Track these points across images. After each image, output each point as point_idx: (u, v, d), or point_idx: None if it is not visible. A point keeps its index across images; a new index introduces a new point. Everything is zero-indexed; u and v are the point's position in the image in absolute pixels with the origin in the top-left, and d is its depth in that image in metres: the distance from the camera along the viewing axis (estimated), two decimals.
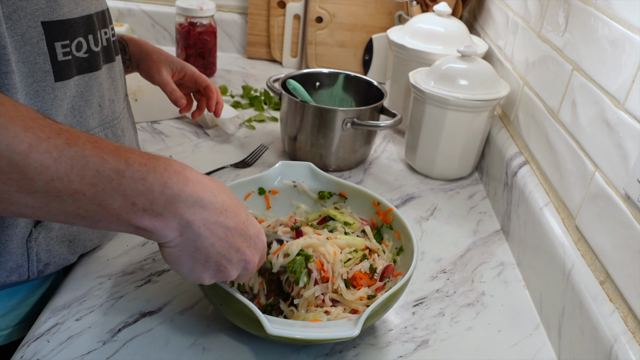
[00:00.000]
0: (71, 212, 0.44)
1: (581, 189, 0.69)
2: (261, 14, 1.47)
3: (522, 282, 0.79)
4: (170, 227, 0.47)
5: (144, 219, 0.46)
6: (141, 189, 0.45)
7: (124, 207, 0.45)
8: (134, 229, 0.47)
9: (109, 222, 0.46)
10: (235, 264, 0.53)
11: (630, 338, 0.54)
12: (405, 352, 0.65)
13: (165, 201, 0.46)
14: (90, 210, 0.45)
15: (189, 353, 0.61)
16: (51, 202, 0.43)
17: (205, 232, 0.49)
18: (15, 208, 0.43)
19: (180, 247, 0.49)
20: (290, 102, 0.98)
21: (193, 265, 0.51)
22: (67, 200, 0.43)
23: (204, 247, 0.50)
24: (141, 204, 0.46)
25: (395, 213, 0.72)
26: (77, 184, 0.43)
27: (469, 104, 0.93)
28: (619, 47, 0.64)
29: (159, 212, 0.46)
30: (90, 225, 0.47)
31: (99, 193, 0.44)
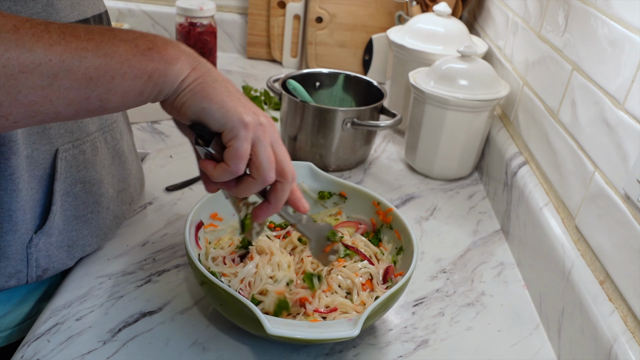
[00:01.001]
0: (81, 77, 0.42)
1: (581, 189, 0.69)
2: (261, 14, 1.47)
3: (521, 282, 0.79)
4: (182, 60, 0.46)
5: (153, 56, 0.44)
6: (136, 35, 0.45)
7: (129, 49, 0.44)
8: (147, 78, 0.45)
9: (122, 76, 0.44)
10: (255, 108, 0.50)
11: (629, 338, 0.54)
12: (405, 352, 0.65)
13: (162, 40, 0.46)
14: (99, 66, 0.42)
15: (189, 353, 0.61)
16: (58, 73, 0.41)
17: (212, 67, 0.48)
18: (24, 96, 0.41)
19: (198, 81, 0.47)
20: (290, 102, 0.98)
21: (222, 98, 0.47)
22: (73, 63, 0.41)
23: (221, 79, 0.48)
24: (143, 43, 0.45)
25: (395, 213, 0.72)
26: (75, 42, 0.42)
27: (469, 104, 0.93)
28: (618, 47, 0.64)
29: (163, 46, 0.45)
30: (104, 94, 0.44)
31: (99, 44, 0.42)
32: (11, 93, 0.40)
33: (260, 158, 0.50)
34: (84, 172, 0.66)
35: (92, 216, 0.68)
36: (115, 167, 0.72)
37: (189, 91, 0.47)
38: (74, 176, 0.65)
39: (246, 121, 0.48)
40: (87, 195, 0.67)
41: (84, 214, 0.67)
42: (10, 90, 0.40)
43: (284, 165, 0.53)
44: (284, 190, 0.54)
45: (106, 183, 0.70)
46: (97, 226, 0.70)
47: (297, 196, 0.58)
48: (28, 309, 0.68)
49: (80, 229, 0.67)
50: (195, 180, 0.92)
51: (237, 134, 0.48)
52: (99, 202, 0.69)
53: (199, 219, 0.69)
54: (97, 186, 0.68)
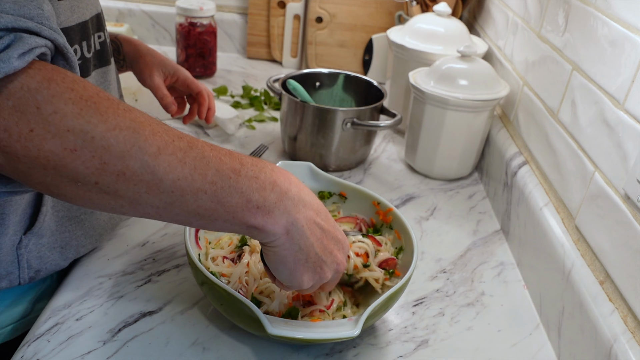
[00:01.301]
0: (191, 211, 0.46)
1: (581, 189, 0.69)
2: (261, 14, 1.47)
3: (521, 282, 0.79)
4: (279, 224, 0.50)
5: (257, 215, 0.48)
6: (255, 186, 0.48)
7: (240, 203, 0.47)
8: (245, 228, 0.49)
9: (224, 220, 0.48)
10: (329, 266, 0.54)
11: (630, 338, 0.54)
12: (405, 352, 0.65)
13: (275, 198, 0.49)
14: (210, 208, 0.47)
15: (189, 353, 0.61)
16: (175, 202, 0.45)
17: (307, 231, 0.51)
18: (142, 208, 0.46)
19: (285, 247, 0.51)
20: (290, 102, 0.98)
21: (295, 266, 0.52)
22: (189, 199, 0.46)
23: (305, 247, 0.52)
24: (255, 200, 0.48)
25: (395, 213, 0.72)
26: (200, 182, 0.46)
27: (469, 104, 0.93)
28: (618, 47, 0.64)
29: (270, 209, 0.49)
30: (204, 225, 0.49)
31: (218, 191, 0.46)
32: (132, 204, 0.45)
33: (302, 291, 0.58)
34: None
35: (85, 217, 0.68)
36: None
37: (273, 252, 0.52)
38: None
39: (303, 287, 0.54)
40: None
41: (77, 215, 0.67)
42: (133, 202, 0.45)
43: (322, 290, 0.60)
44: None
45: None
46: (91, 227, 0.70)
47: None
48: (22, 309, 0.67)
49: (73, 230, 0.67)
50: None
51: (292, 289, 0.56)
52: None
53: None
54: None
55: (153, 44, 1.55)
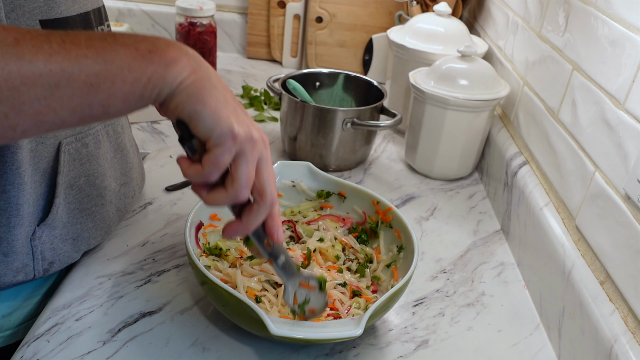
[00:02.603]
0: (82, 84, 0.42)
1: (581, 189, 0.69)
2: (261, 14, 1.47)
3: (522, 282, 0.79)
4: (182, 61, 0.45)
5: (152, 57, 0.44)
6: (138, 38, 0.45)
7: (129, 53, 0.44)
8: (147, 81, 0.44)
9: (122, 80, 0.43)
10: (250, 122, 0.49)
11: (630, 338, 0.54)
12: (405, 352, 0.65)
13: (164, 43, 0.46)
14: (99, 72, 0.42)
15: (189, 353, 0.61)
16: (59, 82, 0.41)
17: (214, 75, 0.48)
18: (28, 108, 0.41)
19: (197, 82, 0.46)
20: (290, 102, 0.98)
21: (216, 105, 0.46)
22: (73, 70, 0.41)
23: (219, 86, 0.48)
24: (144, 47, 0.44)
25: (394, 212, 0.72)
26: (75, 50, 0.42)
27: (469, 104, 0.93)
28: (619, 47, 0.64)
29: (163, 48, 0.45)
30: (107, 100, 0.44)
31: (99, 51, 0.43)
32: (16, 105, 0.40)
33: (238, 172, 0.49)
34: (87, 166, 0.66)
35: (96, 209, 0.69)
36: (117, 160, 0.73)
37: (184, 92, 0.46)
38: (78, 169, 0.65)
39: (235, 132, 0.47)
40: (91, 188, 0.67)
41: (88, 207, 0.68)
42: (15, 102, 0.40)
43: (265, 186, 0.51)
44: (259, 213, 0.52)
45: (109, 176, 0.71)
46: (101, 219, 0.70)
47: (274, 223, 0.55)
48: (35, 306, 0.68)
49: (85, 222, 0.68)
50: None
51: (223, 142, 0.47)
52: (102, 195, 0.69)
53: (199, 219, 0.69)
54: (100, 179, 0.69)
55: None
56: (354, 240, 0.75)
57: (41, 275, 0.64)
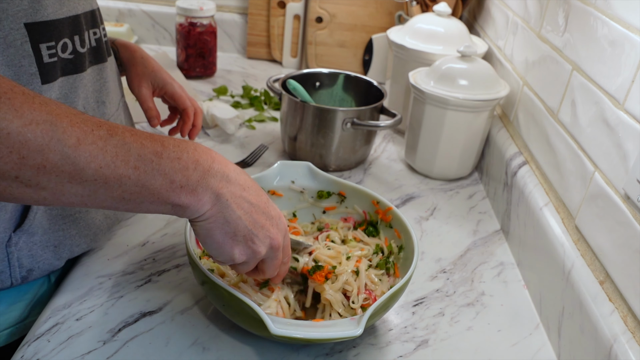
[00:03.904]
0: (117, 196, 0.47)
1: (581, 189, 0.69)
2: (261, 14, 1.47)
3: (521, 282, 0.79)
4: (203, 201, 0.51)
5: (181, 195, 0.49)
6: (177, 167, 0.49)
7: (164, 185, 0.48)
8: (171, 207, 0.50)
9: (150, 202, 0.49)
10: (262, 240, 0.55)
11: (629, 338, 0.54)
12: (405, 352, 0.65)
13: (198, 177, 0.50)
14: (134, 192, 0.48)
15: (189, 353, 0.61)
16: (99, 190, 0.46)
17: (233, 204, 0.52)
18: (66, 198, 0.46)
19: (211, 220, 0.52)
20: (290, 102, 0.98)
21: (223, 240, 0.53)
22: (113, 185, 0.46)
23: (232, 220, 0.52)
24: (178, 180, 0.49)
25: (394, 212, 0.72)
26: (122, 169, 0.46)
27: (469, 104, 0.93)
28: (618, 47, 0.64)
29: (194, 187, 0.50)
30: (131, 209, 0.49)
31: (141, 175, 0.47)
32: (56, 194, 0.45)
33: (242, 270, 0.58)
34: None
35: (80, 216, 0.68)
36: None
37: (199, 225, 0.53)
38: None
39: (235, 261, 0.55)
40: None
41: (71, 213, 0.66)
42: (56, 192, 0.45)
43: (285, 266, 0.61)
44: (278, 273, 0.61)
45: None
46: (86, 226, 0.69)
47: (284, 268, 0.62)
48: (18, 314, 0.66)
49: (67, 229, 0.66)
50: None
51: (225, 264, 0.56)
52: None
53: None
54: None
55: (153, 44, 1.55)
56: (362, 233, 0.75)
57: (19, 283, 0.63)
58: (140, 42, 1.54)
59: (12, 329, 0.66)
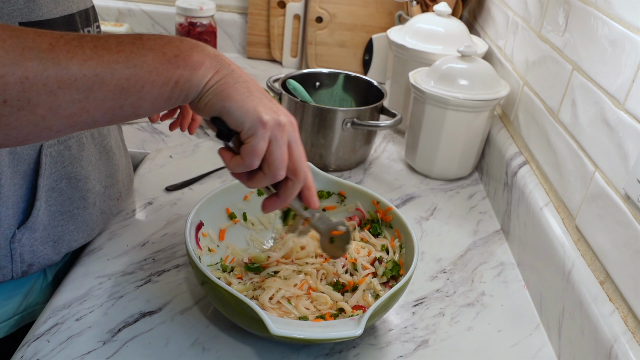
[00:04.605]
0: (114, 88, 0.45)
1: (581, 189, 0.69)
2: (261, 14, 1.47)
3: (522, 282, 0.79)
4: (206, 65, 0.48)
5: (179, 63, 0.47)
6: (162, 42, 0.47)
7: (156, 58, 0.46)
8: (174, 85, 0.47)
9: (151, 83, 0.46)
10: (276, 107, 0.52)
11: (630, 338, 0.54)
12: (405, 352, 0.65)
13: (189, 46, 0.48)
14: (130, 76, 0.45)
15: (189, 353, 0.61)
16: (93, 86, 0.44)
17: (235, 67, 0.50)
18: (64, 109, 0.43)
19: (222, 81, 0.49)
20: (290, 102, 0.98)
21: (242, 97, 0.50)
22: (105, 76, 0.44)
23: (242, 79, 0.50)
24: (170, 51, 0.47)
25: (394, 212, 0.72)
26: (107, 56, 0.44)
27: (469, 104, 0.93)
28: (619, 47, 0.64)
29: (188, 53, 0.48)
30: (136, 102, 0.47)
31: (129, 56, 0.45)
32: (53, 108, 0.43)
33: (274, 156, 0.52)
34: (69, 168, 0.66)
35: (78, 212, 0.69)
36: (102, 162, 0.73)
37: (211, 92, 0.49)
38: (60, 172, 0.65)
39: (264, 120, 0.50)
40: (73, 190, 0.67)
41: (69, 210, 0.67)
42: (52, 105, 0.43)
43: (297, 164, 0.55)
44: (294, 188, 0.56)
45: (92, 179, 0.70)
46: (83, 222, 0.70)
47: (310, 193, 0.58)
48: (15, 306, 0.67)
49: (66, 225, 0.67)
50: (195, 180, 0.92)
51: (255, 132, 0.50)
52: (85, 198, 0.69)
53: (199, 219, 0.69)
54: (83, 182, 0.68)
55: None
56: (369, 234, 0.75)
57: (19, 277, 0.64)
58: None
59: (10, 321, 0.67)
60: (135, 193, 0.88)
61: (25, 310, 0.68)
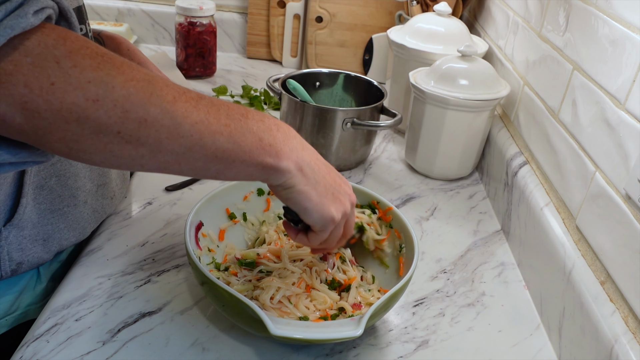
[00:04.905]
0: (210, 154, 0.48)
1: (582, 189, 0.69)
2: (261, 13, 1.47)
3: (522, 282, 0.78)
4: (291, 160, 0.53)
5: (270, 153, 0.51)
6: (263, 127, 0.51)
7: (254, 142, 0.50)
8: (261, 169, 0.51)
9: (241, 162, 0.50)
10: (344, 195, 0.58)
11: (630, 338, 0.54)
12: (406, 353, 0.64)
13: (282, 137, 0.53)
14: (227, 150, 0.49)
15: (189, 353, 0.61)
16: (194, 147, 0.47)
17: (315, 166, 0.55)
18: (162, 156, 0.47)
19: (302, 182, 0.54)
20: (290, 102, 0.98)
21: (319, 199, 0.55)
22: (207, 141, 0.48)
23: (320, 179, 0.55)
24: (266, 139, 0.51)
25: (395, 212, 0.72)
26: (215, 125, 0.48)
27: (469, 104, 0.93)
28: (619, 47, 0.64)
29: (280, 146, 0.52)
30: (222, 170, 0.50)
31: (232, 132, 0.49)
32: (154, 152, 0.46)
33: (332, 237, 0.60)
34: (58, 166, 0.66)
35: (68, 210, 0.68)
36: None
37: (295, 192, 0.54)
38: (48, 169, 0.65)
39: (335, 220, 0.57)
40: (62, 188, 0.67)
41: (59, 208, 0.67)
42: (154, 150, 0.46)
43: (346, 235, 0.63)
44: (332, 244, 0.62)
45: (83, 177, 0.70)
46: (74, 220, 0.70)
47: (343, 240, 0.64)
48: (7, 305, 0.67)
49: (56, 223, 0.67)
50: (195, 180, 0.92)
51: (325, 229, 0.58)
52: (75, 196, 0.69)
53: (199, 219, 0.69)
54: (73, 180, 0.68)
55: (153, 43, 1.54)
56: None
57: (9, 276, 0.64)
58: (139, 42, 1.54)
59: (1, 321, 0.67)
60: (135, 193, 0.88)
61: (18, 310, 0.68)
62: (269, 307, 0.63)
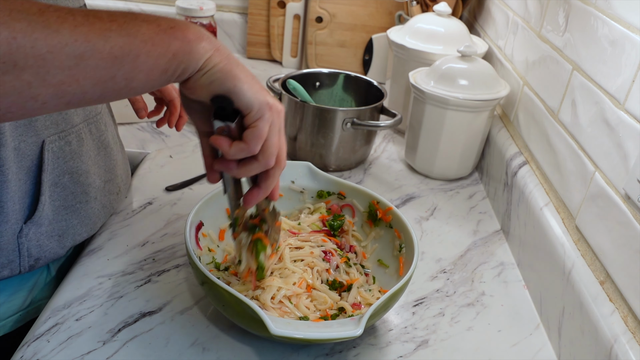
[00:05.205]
0: (107, 56, 0.42)
1: (581, 189, 0.69)
2: (261, 14, 1.47)
3: (522, 282, 0.79)
4: (204, 40, 0.47)
5: (176, 35, 0.45)
6: (157, 16, 0.46)
7: (152, 29, 0.44)
8: (172, 57, 0.45)
9: (147, 54, 0.44)
10: (270, 96, 0.52)
11: (630, 338, 0.54)
12: (405, 352, 0.65)
13: (183, 22, 0.47)
14: (124, 45, 0.43)
15: (189, 353, 0.61)
16: (85, 53, 0.41)
17: (229, 51, 0.49)
18: (52, 77, 0.41)
19: (224, 60, 0.48)
20: (290, 102, 0.98)
21: (248, 80, 0.49)
22: (98, 43, 0.42)
23: (240, 62, 0.49)
24: (165, 23, 0.45)
25: (394, 212, 0.72)
26: (99, 23, 0.42)
27: (469, 104, 0.93)
28: (619, 47, 0.64)
29: (184, 26, 0.46)
30: (130, 72, 0.44)
31: (122, 25, 0.43)
32: (40, 73, 0.40)
33: (270, 142, 0.51)
34: (70, 163, 0.67)
35: (80, 206, 0.70)
36: (101, 157, 0.74)
37: (218, 70, 0.47)
38: (62, 167, 0.66)
39: (270, 103, 0.50)
40: (75, 185, 0.68)
41: (72, 204, 0.68)
42: (39, 71, 0.40)
43: (282, 152, 0.54)
44: (276, 177, 0.55)
45: (93, 173, 0.71)
46: (86, 216, 0.71)
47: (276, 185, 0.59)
48: (21, 301, 0.68)
49: (69, 219, 0.68)
50: (195, 180, 0.92)
51: (263, 115, 0.50)
52: (87, 192, 0.70)
53: (199, 219, 0.69)
54: (84, 176, 0.69)
55: None
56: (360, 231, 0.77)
57: (27, 271, 0.65)
58: None
59: (15, 316, 0.68)
60: (135, 193, 0.88)
61: (30, 305, 0.69)
62: (269, 307, 0.63)
